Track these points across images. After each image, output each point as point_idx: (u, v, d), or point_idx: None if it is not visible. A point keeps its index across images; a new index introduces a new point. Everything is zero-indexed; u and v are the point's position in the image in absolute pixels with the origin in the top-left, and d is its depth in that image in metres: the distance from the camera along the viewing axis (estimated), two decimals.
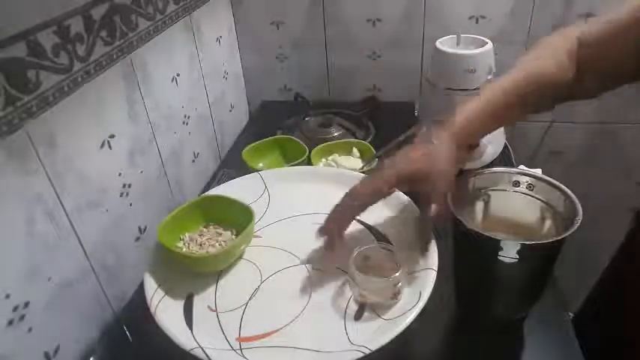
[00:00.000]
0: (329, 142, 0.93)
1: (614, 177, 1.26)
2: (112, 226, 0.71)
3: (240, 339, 0.53)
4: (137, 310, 0.59)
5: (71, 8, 0.61)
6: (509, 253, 0.53)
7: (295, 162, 0.85)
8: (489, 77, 0.91)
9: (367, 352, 0.48)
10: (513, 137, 1.01)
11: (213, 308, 0.57)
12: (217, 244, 0.63)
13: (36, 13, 0.55)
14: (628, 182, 1.26)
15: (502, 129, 0.98)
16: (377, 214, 0.68)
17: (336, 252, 0.59)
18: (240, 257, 0.64)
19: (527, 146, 1.23)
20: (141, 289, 0.58)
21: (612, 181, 1.26)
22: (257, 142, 0.92)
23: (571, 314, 0.71)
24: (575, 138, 1.22)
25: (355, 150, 0.92)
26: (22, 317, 0.55)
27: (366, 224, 0.67)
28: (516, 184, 0.63)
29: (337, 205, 0.58)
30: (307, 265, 0.62)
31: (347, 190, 0.58)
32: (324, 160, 0.91)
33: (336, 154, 0.91)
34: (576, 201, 0.57)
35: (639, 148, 1.20)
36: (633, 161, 1.23)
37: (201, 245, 0.63)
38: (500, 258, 0.53)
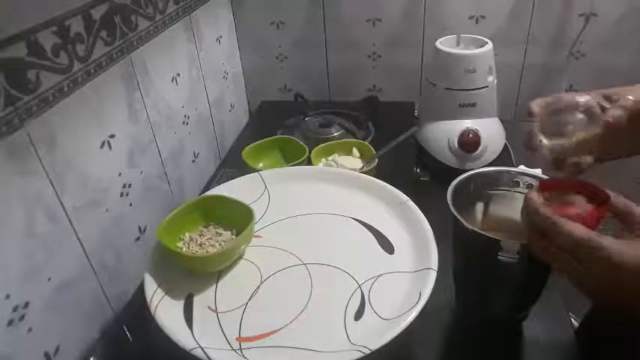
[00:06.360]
0: (329, 142, 0.93)
1: (614, 175, 1.25)
2: (112, 226, 0.71)
3: (240, 339, 0.53)
4: (137, 310, 0.59)
5: (71, 8, 0.61)
6: (509, 253, 0.53)
7: (295, 162, 0.85)
8: (489, 77, 0.92)
9: (367, 352, 0.48)
10: (513, 137, 1.01)
11: (213, 308, 0.57)
12: (217, 244, 0.63)
13: (36, 13, 0.55)
14: (627, 179, 1.25)
15: (502, 129, 0.98)
16: (377, 214, 0.68)
17: None
18: (240, 257, 0.64)
19: None
20: (141, 289, 0.58)
21: (611, 179, 1.25)
22: (257, 142, 0.92)
23: (572, 315, 0.71)
24: None
25: (355, 150, 0.92)
26: (22, 317, 0.55)
27: (366, 224, 0.67)
28: (516, 184, 0.63)
29: None
30: (307, 265, 0.62)
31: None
32: (324, 160, 0.91)
33: (336, 154, 0.91)
34: None
35: None
36: (632, 159, 1.22)
37: (201, 245, 0.63)
38: (500, 258, 0.53)
